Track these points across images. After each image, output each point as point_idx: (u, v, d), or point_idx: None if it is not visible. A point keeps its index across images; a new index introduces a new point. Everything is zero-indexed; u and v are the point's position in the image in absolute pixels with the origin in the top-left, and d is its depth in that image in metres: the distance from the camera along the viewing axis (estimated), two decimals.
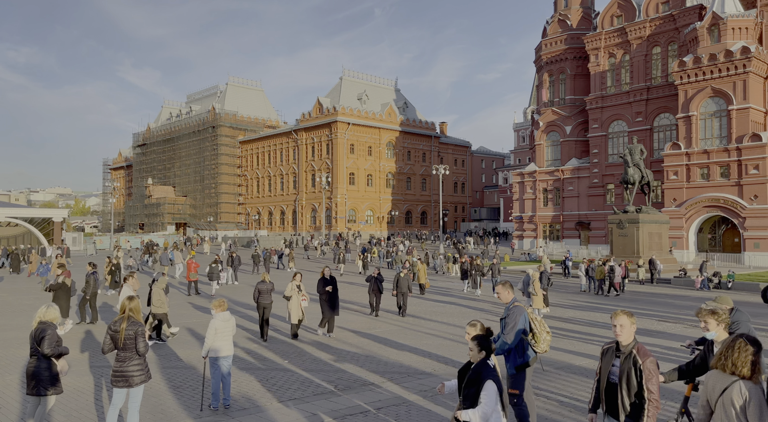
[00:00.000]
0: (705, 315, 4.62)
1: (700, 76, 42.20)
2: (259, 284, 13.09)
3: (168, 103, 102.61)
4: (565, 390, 8.39)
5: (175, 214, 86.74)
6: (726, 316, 4.61)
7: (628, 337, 4.38)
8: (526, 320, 6.39)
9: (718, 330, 4.57)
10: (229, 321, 7.56)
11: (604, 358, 4.53)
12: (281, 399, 8.04)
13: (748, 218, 39.97)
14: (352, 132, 72.42)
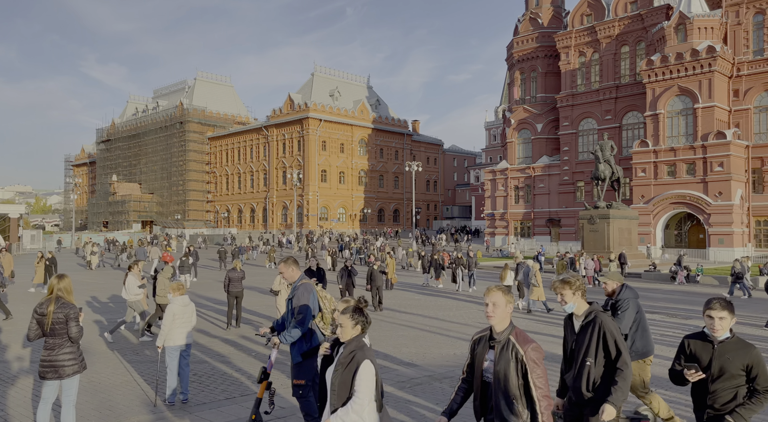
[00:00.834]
0: (559, 287, 3.99)
1: (667, 74, 42.98)
2: (230, 271, 12.54)
3: (134, 99, 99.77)
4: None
5: (141, 212, 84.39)
6: (581, 283, 3.99)
7: (503, 321, 3.49)
8: (315, 299, 5.50)
9: (575, 300, 3.98)
10: (188, 306, 6.94)
11: (476, 350, 3.62)
12: (245, 393, 7.47)
13: (713, 214, 40.87)
14: (324, 129, 71.61)
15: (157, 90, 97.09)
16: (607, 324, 3.89)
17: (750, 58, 42.21)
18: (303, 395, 5.33)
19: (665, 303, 18.22)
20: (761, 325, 13.78)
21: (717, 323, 3.63)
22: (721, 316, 3.64)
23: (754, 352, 3.58)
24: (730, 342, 3.64)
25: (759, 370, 3.55)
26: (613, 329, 3.88)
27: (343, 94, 77.81)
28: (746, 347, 3.60)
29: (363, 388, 3.35)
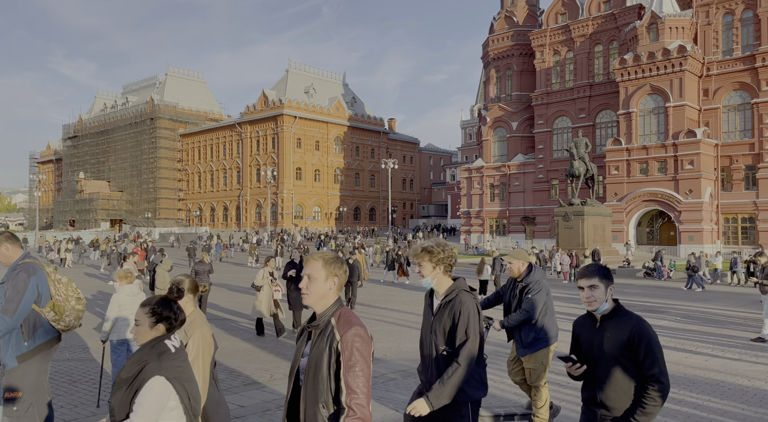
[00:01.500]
0: (418, 256, 3.24)
1: (640, 73, 43.45)
2: (196, 264, 11.99)
3: (102, 94, 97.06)
4: None
5: (110, 210, 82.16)
6: (446, 255, 3.25)
7: (323, 299, 2.57)
8: (38, 282, 4.01)
9: (435, 275, 3.25)
10: (137, 295, 6.32)
11: (299, 341, 2.70)
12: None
13: (684, 211, 41.46)
14: (298, 126, 70.70)
15: (126, 85, 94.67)
16: (466, 305, 3.17)
17: (719, 58, 42.96)
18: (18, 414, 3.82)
19: (620, 296, 18.19)
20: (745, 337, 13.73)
21: (587, 292, 2.98)
22: (591, 284, 2.97)
23: (639, 325, 2.86)
24: (614, 315, 2.99)
25: (645, 348, 2.79)
26: (470, 312, 3.15)
27: (319, 91, 77.01)
28: (631, 319, 2.90)
29: (138, 418, 2.36)
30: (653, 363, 2.79)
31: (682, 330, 11.62)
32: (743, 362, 8.58)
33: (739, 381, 7.35)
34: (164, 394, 2.44)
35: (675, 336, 10.93)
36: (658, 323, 12.67)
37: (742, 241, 41.94)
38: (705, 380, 7.40)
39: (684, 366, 8.20)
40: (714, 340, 10.53)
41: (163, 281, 11.78)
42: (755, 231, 41.53)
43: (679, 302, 16.93)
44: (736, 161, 42.56)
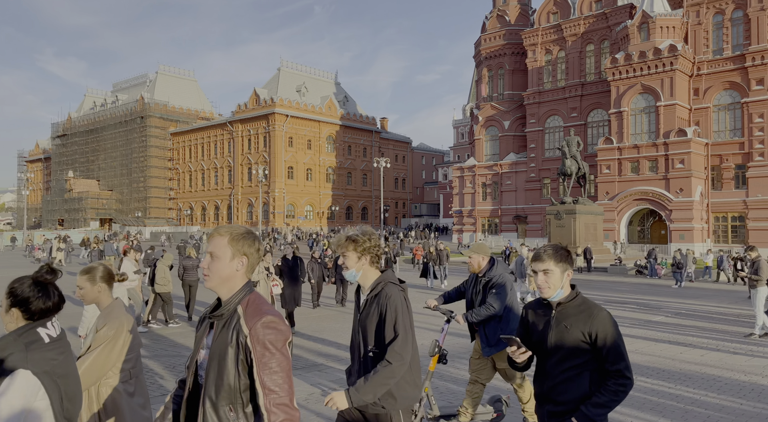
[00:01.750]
0: (341, 245, 2.89)
1: (631, 73, 43.61)
2: (184, 260, 11.79)
3: (91, 92, 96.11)
4: None
5: (100, 209, 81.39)
6: (372, 245, 2.90)
7: (227, 283, 2.15)
8: None
9: (360, 267, 2.89)
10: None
11: (197, 334, 2.28)
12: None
13: (674, 210, 41.67)
14: (290, 125, 70.37)
15: (116, 84, 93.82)
16: (393, 299, 2.80)
17: (710, 57, 43.21)
18: None
19: (612, 293, 18.19)
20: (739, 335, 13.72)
21: (540, 278, 2.67)
22: (546, 268, 2.65)
23: (601, 316, 2.60)
24: (572, 304, 2.69)
25: (608, 342, 2.55)
26: (398, 306, 2.79)
27: (311, 90, 76.70)
28: (591, 309, 2.63)
29: None
30: (618, 358, 2.53)
31: (677, 325, 11.57)
32: (739, 357, 8.51)
33: (735, 376, 7.27)
34: (28, 391, 1.98)
35: (670, 331, 10.87)
36: (654, 319, 12.63)
37: (732, 240, 42.21)
38: (701, 375, 7.32)
39: (679, 362, 8.12)
40: (708, 335, 10.48)
41: (163, 277, 11.62)
42: (745, 230, 41.81)
43: (672, 299, 16.93)
44: (726, 160, 42.83)
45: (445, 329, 5.11)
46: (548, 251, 2.71)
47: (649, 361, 8.13)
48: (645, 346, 9.33)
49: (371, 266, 2.92)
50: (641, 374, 7.36)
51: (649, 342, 9.78)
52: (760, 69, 40.77)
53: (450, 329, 10.10)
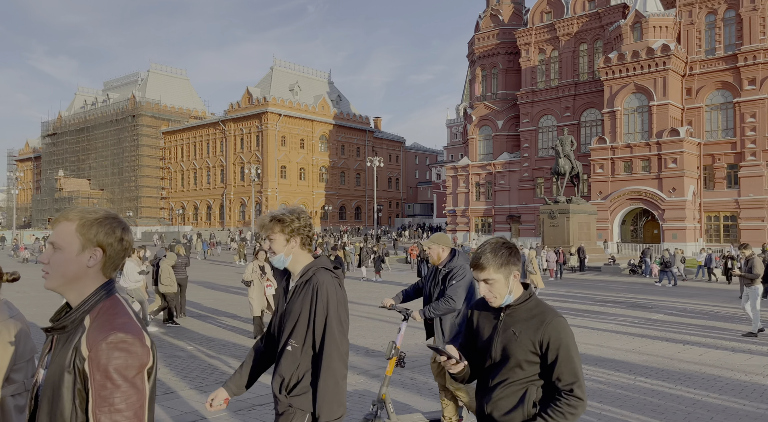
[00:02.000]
0: (266, 226, 2.52)
1: (624, 72, 43.66)
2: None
3: (82, 91, 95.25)
4: None
5: None
6: (301, 225, 2.53)
7: (70, 284, 1.65)
8: None
9: (290, 250, 2.52)
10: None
11: (45, 344, 2.04)
12: (196, 386, 6.50)
13: (667, 210, 41.75)
14: (283, 124, 70.03)
15: (107, 82, 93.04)
16: (325, 286, 2.42)
17: (702, 57, 43.34)
18: None
19: (605, 292, 18.11)
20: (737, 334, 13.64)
21: (483, 288, 2.30)
22: (486, 277, 2.26)
23: (555, 323, 2.20)
24: (523, 307, 2.30)
25: (561, 354, 2.16)
26: (330, 296, 2.42)
27: (304, 89, 76.37)
28: (544, 314, 2.24)
29: None
30: (570, 372, 2.15)
31: (673, 324, 11.46)
32: (738, 356, 8.40)
33: (736, 375, 7.14)
34: None
35: (667, 329, 10.75)
36: (654, 317, 12.52)
37: (725, 239, 42.34)
38: (701, 375, 7.18)
39: (678, 361, 7.99)
40: (706, 334, 10.37)
41: (168, 277, 11.38)
42: (737, 229, 41.96)
43: (666, 298, 16.86)
44: (718, 159, 42.97)
45: (403, 328, 4.74)
46: (486, 256, 2.27)
47: (648, 361, 7.99)
48: (643, 345, 9.21)
49: (302, 249, 2.56)
50: (640, 374, 7.22)
51: (647, 340, 9.65)
52: (752, 69, 40.93)
53: None
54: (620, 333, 10.48)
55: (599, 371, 7.32)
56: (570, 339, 2.20)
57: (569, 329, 2.22)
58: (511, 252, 2.30)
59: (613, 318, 12.58)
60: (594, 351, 8.73)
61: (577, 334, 10.04)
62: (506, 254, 2.28)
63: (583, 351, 8.63)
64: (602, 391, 6.32)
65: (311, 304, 2.42)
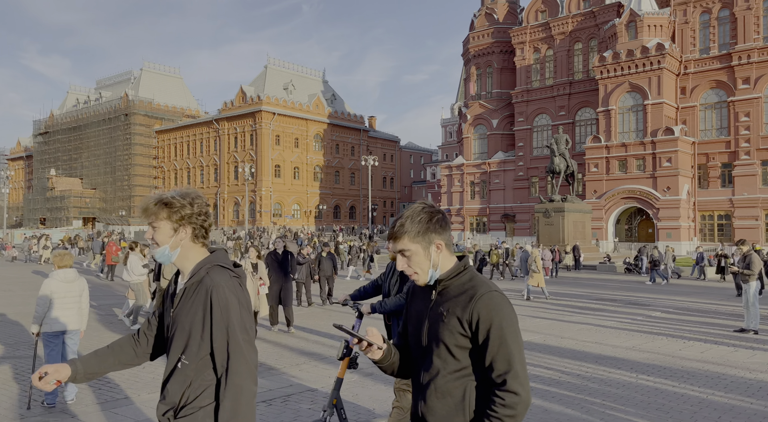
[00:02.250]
0: (149, 210, 2.08)
1: (619, 71, 43.65)
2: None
3: (74, 89, 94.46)
4: None
5: (83, 208, 80.00)
6: (195, 212, 2.05)
7: None
8: None
9: (177, 243, 2.04)
10: (74, 282, 5.61)
11: None
12: (152, 391, 6.25)
13: (662, 208, 41.76)
14: (277, 123, 69.67)
15: (100, 81, 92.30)
16: (222, 289, 1.95)
17: (696, 56, 43.39)
18: None
19: (602, 290, 17.99)
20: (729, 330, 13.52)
21: (401, 262, 1.91)
22: (402, 248, 1.88)
23: (487, 298, 1.78)
24: (455, 281, 1.88)
25: (492, 335, 1.75)
26: (230, 300, 1.94)
27: (298, 87, 76.02)
28: (475, 288, 1.82)
29: None
30: (503, 358, 1.73)
31: (672, 321, 11.30)
32: (740, 353, 8.25)
33: (740, 373, 6.98)
34: None
35: (666, 326, 10.60)
36: (652, 314, 12.37)
37: (719, 238, 42.40)
38: (704, 372, 7.02)
39: (680, 358, 7.82)
40: (705, 331, 10.23)
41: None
42: (731, 228, 42.03)
43: (662, 296, 16.74)
44: (712, 158, 43.03)
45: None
46: (401, 222, 1.88)
47: (649, 358, 7.82)
48: (643, 342, 9.04)
49: (193, 242, 2.06)
50: (642, 372, 7.04)
51: (646, 337, 9.49)
52: (746, 68, 41.00)
53: None
54: (619, 330, 10.33)
55: (600, 369, 7.15)
56: (505, 317, 1.76)
57: (506, 306, 1.78)
58: (431, 218, 1.88)
59: (611, 315, 12.43)
60: (593, 348, 8.56)
61: (575, 331, 9.88)
62: (425, 221, 1.87)
63: (581, 349, 8.47)
64: (604, 390, 6.14)
65: (205, 311, 1.94)
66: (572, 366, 7.31)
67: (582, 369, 7.17)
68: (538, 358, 7.83)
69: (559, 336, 9.59)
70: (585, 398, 5.80)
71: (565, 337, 9.53)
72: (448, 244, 1.92)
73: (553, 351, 8.36)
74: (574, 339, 9.39)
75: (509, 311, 1.80)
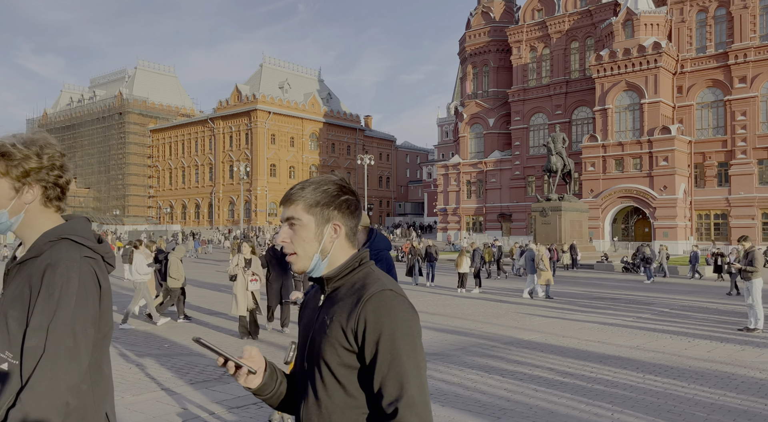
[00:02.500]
0: None
1: (615, 70, 43.52)
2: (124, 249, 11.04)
3: (68, 88, 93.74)
4: (521, 366, 6.98)
5: (76, 207, 79.28)
6: (43, 164, 1.52)
7: None
8: None
9: (20, 206, 1.50)
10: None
11: None
12: (137, 393, 5.98)
13: (658, 208, 41.65)
14: (273, 121, 69.28)
15: (94, 79, 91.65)
16: (63, 268, 1.42)
17: (693, 55, 43.30)
18: None
19: (602, 289, 17.79)
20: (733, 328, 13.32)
21: (284, 232, 1.44)
22: (290, 215, 1.43)
23: (376, 300, 1.32)
24: (347, 280, 1.42)
25: (381, 349, 1.29)
26: (67, 283, 1.41)
27: (294, 86, 75.64)
28: (366, 287, 1.36)
29: None
30: (397, 382, 1.27)
31: (675, 319, 11.09)
32: (749, 351, 8.03)
33: (750, 373, 6.75)
34: None
35: (670, 325, 10.38)
36: (654, 312, 12.15)
37: (715, 237, 42.34)
38: (714, 373, 6.78)
39: (687, 358, 7.59)
40: (710, 329, 10.01)
41: (176, 271, 10.80)
42: (728, 227, 41.97)
43: (662, 295, 16.55)
44: (709, 157, 42.96)
45: None
46: (302, 185, 1.45)
47: (655, 358, 7.59)
48: (647, 341, 8.81)
49: (45, 206, 1.55)
50: (649, 372, 6.80)
51: (651, 335, 9.26)
52: (742, 67, 40.94)
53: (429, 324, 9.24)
54: (622, 328, 10.11)
55: (605, 369, 6.91)
56: (399, 325, 1.30)
57: (402, 309, 1.32)
58: (340, 194, 1.44)
59: (613, 314, 12.21)
60: (597, 347, 8.32)
61: (578, 330, 9.63)
62: (331, 193, 1.42)
63: (585, 348, 8.23)
64: (612, 392, 5.89)
65: (31, 296, 1.42)
66: (576, 366, 7.06)
67: (587, 369, 6.92)
68: (541, 358, 7.59)
69: (560, 335, 9.35)
70: (592, 401, 5.56)
71: (567, 336, 9.29)
72: (350, 234, 1.46)
73: (556, 350, 8.12)
74: (576, 337, 9.15)
75: (406, 317, 1.32)
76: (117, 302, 12.58)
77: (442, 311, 12.47)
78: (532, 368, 6.98)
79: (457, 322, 10.78)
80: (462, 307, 13.41)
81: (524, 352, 7.97)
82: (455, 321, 10.90)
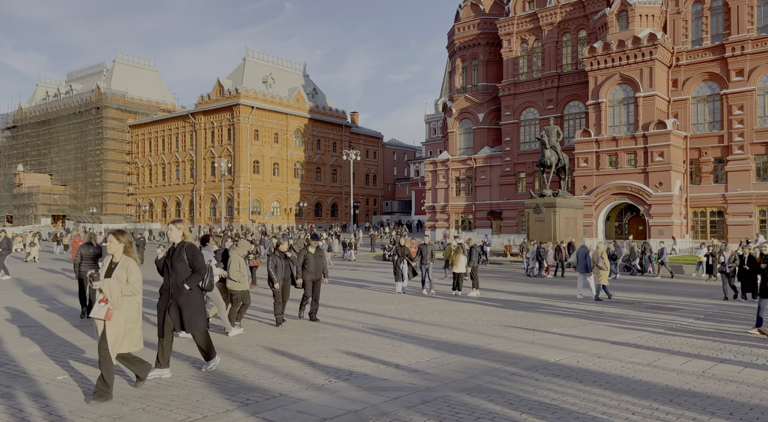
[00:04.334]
0: None
1: (609, 62, 42.24)
2: (82, 247, 9.34)
3: (44, 82, 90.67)
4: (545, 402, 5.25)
5: (52, 205, 76.60)
6: None
7: None
8: None
9: None
10: None
11: None
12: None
13: (653, 205, 40.46)
14: (256, 117, 67.19)
15: (71, 73, 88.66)
16: None
17: (689, 47, 42.16)
18: None
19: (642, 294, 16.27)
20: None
21: None
22: None
23: None
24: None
25: None
26: None
27: (278, 81, 73.59)
28: None
29: None
30: None
31: (716, 330, 9.53)
32: None
33: None
34: None
35: (717, 339, 8.80)
36: (687, 322, 10.57)
37: (711, 235, 41.27)
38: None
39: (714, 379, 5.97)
40: (744, 345, 8.44)
41: (238, 271, 9.03)
42: (724, 225, 40.92)
43: (687, 299, 15.04)
44: (705, 153, 41.86)
45: None
46: None
47: (746, 394, 5.96)
48: (710, 365, 7.19)
49: None
50: (742, 418, 5.14)
51: (711, 354, 7.65)
52: (739, 60, 39.87)
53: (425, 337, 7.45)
54: (663, 339, 8.46)
55: (686, 416, 5.16)
56: None
57: None
58: None
59: (641, 324, 10.60)
60: (652, 376, 6.45)
61: (610, 347, 7.90)
62: None
63: (635, 377, 6.34)
64: None
65: None
66: (642, 410, 5.13)
67: (660, 414, 5.03)
68: (585, 394, 5.81)
69: (594, 355, 7.59)
70: None
71: (603, 356, 7.51)
72: None
73: (599, 379, 6.27)
74: (614, 358, 7.35)
75: None
76: None
77: (439, 321, 10.77)
78: (578, 417, 5.18)
79: (458, 336, 9.07)
80: (461, 314, 11.74)
81: (558, 384, 6.10)
82: (456, 334, 9.19)
